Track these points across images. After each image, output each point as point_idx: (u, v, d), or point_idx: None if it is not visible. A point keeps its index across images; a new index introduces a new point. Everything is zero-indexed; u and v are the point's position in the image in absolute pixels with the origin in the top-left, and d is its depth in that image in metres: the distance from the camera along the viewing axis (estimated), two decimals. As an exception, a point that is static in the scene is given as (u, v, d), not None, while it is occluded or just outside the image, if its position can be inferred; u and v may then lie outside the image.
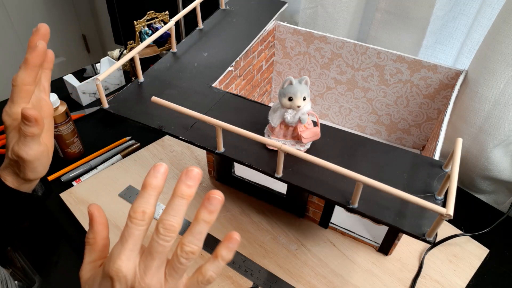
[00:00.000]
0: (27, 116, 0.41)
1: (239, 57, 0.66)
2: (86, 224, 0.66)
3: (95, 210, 0.36)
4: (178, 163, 0.77)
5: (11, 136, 0.44)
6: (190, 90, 0.58)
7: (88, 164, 0.77)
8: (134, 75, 0.99)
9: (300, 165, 0.47)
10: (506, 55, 0.58)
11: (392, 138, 0.82)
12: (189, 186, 0.30)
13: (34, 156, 0.44)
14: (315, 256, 0.62)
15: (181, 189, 0.30)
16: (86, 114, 0.91)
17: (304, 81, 0.48)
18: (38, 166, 0.45)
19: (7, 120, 0.44)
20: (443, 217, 0.38)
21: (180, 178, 0.31)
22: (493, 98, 0.62)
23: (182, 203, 0.31)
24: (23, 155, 0.43)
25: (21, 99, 0.43)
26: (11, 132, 0.44)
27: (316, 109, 0.86)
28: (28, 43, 0.42)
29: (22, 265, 0.58)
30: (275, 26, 0.77)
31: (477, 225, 0.66)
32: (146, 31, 0.94)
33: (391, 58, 0.70)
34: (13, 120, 0.44)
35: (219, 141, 0.48)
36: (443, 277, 0.60)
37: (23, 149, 0.43)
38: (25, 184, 0.48)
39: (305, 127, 0.49)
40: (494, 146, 0.67)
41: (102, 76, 0.51)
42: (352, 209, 0.44)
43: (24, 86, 0.42)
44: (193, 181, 0.31)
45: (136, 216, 0.30)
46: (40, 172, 0.47)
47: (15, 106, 0.43)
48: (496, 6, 0.64)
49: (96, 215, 0.35)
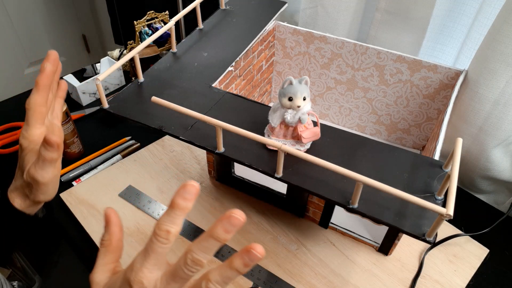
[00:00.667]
0: (50, 142, 0.42)
1: (239, 57, 0.66)
2: (86, 224, 0.66)
3: (112, 212, 0.36)
4: (178, 163, 0.77)
5: (27, 159, 0.45)
6: (190, 90, 0.58)
7: (88, 164, 0.77)
8: (134, 75, 0.99)
9: (300, 165, 0.48)
10: (506, 55, 0.58)
11: (392, 138, 0.82)
12: (185, 199, 0.30)
13: (49, 180, 0.45)
14: (315, 256, 0.62)
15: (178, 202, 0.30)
16: (86, 114, 0.91)
17: (304, 81, 0.48)
18: (50, 189, 0.46)
19: (24, 143, 0.45)
20: (443, 217, 0.38)
21: (177, 191, 0.30)
22: (493, 98, 0.62)
23: (180, 214, 0.30)
24: (39, 178, 0.44)
25: (35, 121, 0.44)
26: (27, 154, 0.45)
27: (316, 109, 0.86)
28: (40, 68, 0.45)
29: (22, 265, 0.58)
30: (275, 26, 0.77)
31: (477, 225, 0.66)
32: (146, 31, 0.94)
33: (391, 58, 0.70)
34: (29, 142, 0.45)
35: (219, 141, 0.48)
36: (443, 277, 0.60)
37: (40, 173, 0.44)
38: (32, 206, 0.49)
39: (305, 127, 0.49)
40: (494, 146, 0.67)
41: (102, 76, 0.51)
42: (352, 209, 0.44)
43: (38, 108, 0.44)
44: (191, 195, 0.30)
45: (160, 234, 0.30)
46: (50, 195, 0.48)
47: (31, 128, 0.44)
48: (496, 6, 0.64)
49: (113, 217, 0.36)
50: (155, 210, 0.68)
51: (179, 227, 0.31)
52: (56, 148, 0.42)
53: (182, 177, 0.74)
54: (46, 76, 0.44)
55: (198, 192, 0.31)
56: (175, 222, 0.30)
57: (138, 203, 0.69)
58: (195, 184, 0.30)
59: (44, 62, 0.45)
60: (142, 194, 0.70)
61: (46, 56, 0.45)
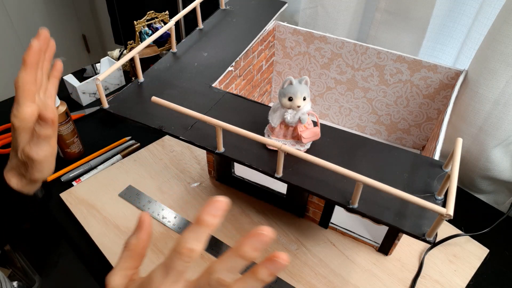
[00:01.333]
0: (45, 118, 0.42)
1: (239, 57, 0.66)
2: (86, 224, 0.65)
3: (147, 218, 0.34)
4: (178, 163, 0.77)
5: (20, 138, 0.45)
6: (190, 90, 0.58)
7: (88, 164, 0.77)
8: (134, 75, 0.99)
9: (300, 165, 0.48)
10: (506, 55, 0.58)
11: (392, 138, 0.82)
12: (213, 216, 0.29)
13: (43, 157, 0.45)
14: (315, 256, 0.62)
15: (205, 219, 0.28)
16: (86, 114, 0.91)
17: (304, 81, 0.48)
18: (45, 167, 0.46)
19: (15, 122, 0.44)
20: (443, 217, 0.38)
21: (205, 207, 0.29)
22: (493, 98, 0.62)
23: (206, 232, 0.29)
24: (34, 156, 0.44)
25: (25, 99, 0.44)
26: (20, 133, 0.45)
27: (316, 109, 0.86)
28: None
29: (22, 265, 0.58)
30: (275, 26, 0.77)
31: (477, 225, 0.66)
32: (146, 31, 0.94)
33: (391, 58, 0.70)
34: (20, 121, 0.44)
35: (219, 141, 0.48)
36: (443, 277, 0.60)
37: (35, 150, 0.44)
38: (29, 185, 0.49)
39: (305, 127, 0.49)
40: (494, 146, 0.67)
41: (102, 76, 0.51)
42: (352, 209, 0.44)
43: (26, 85, 0.43)
44: (219, 211, 0.29)
45: (182, 252, 0.28)
46: (46, 173, 0.47)
47: (21, 107, 0.43)
48: (496, 6, 0.64)
49: (146, 224, 0.34)
50: (155, 210, 0.68)
51: (203, 245, 0.29)
52: (50, 124, 0.42)
53: (182, 177, 0.74)
54: (33, 53, 0.43)
55: (227, 206, 0.29)
56: (200, 240, 0.28)
57: (138, 203, 0.69)
58: (224, 200, 0.29)
59: (32, 39, 0.44)
60: (142, 194, 0.70)
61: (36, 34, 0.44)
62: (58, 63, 0.50)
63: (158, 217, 0.66)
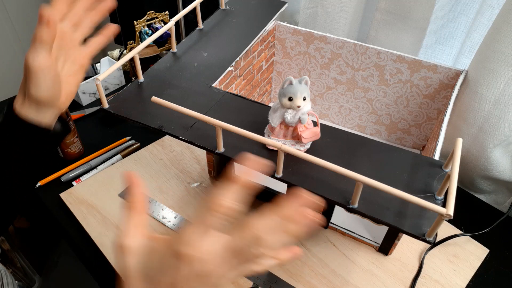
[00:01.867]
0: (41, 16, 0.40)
1: (239, 57, 0.66)
2: (86, 224, 0.65)
3: (132, 174, 0.35)
4: (178, 163, 0.77)
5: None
6: (190, 90, 0.58)
7: (88, 164, 0.77)
8: (134, 75, 0.99)
9: (300, 165, 0.47)
10: (506, 55, 0.58)
11: (392, 138, 0.82)
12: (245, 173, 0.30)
13: (38, 66, 0.42)
14: (315, 256, 0.62)
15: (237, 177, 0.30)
16: (86, 114, 0.91)
17: (304, 81, 0.48)
18: (41, 82, 0.43)
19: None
20: (443, 217, 0.38)
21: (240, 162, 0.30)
22: (493, 98, 0.62)
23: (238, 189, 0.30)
24: (29, 61, 0.42)
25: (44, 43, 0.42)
26: None
27: (316, 109, 0.86)
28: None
29: (22, 265, 0.58)
30: (275, 26, 0.77)
31: (477, 225, 0.66)
32: (146, 31, 0.94)
33: (391, 58, 0.70)
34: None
35: (219, 141, 0.48)
36: (443, 277, 0.60)
37: (31, 56, 0.42)
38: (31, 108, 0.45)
39: (305, 127, 0.49)
40: (494, 146, 0.67)
41: (102, 76, 0.51)
42: (352, 209, 0.44)
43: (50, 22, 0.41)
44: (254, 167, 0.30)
45: (212, 207, 0.29)
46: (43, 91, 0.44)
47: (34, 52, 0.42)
48: (496, 6, 0.64)
49: (133, 179, 0.34)
50: (155, 210, 0.68)
51: (234, 201, 0.30)
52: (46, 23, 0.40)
53: (182, 177, 0.74)
54: None
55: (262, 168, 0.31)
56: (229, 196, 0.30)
57: (138, 203, 0.69)
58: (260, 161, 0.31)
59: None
60: (142, 194, 0.70)
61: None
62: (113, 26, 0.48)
63: (158, 217, 0.66)
